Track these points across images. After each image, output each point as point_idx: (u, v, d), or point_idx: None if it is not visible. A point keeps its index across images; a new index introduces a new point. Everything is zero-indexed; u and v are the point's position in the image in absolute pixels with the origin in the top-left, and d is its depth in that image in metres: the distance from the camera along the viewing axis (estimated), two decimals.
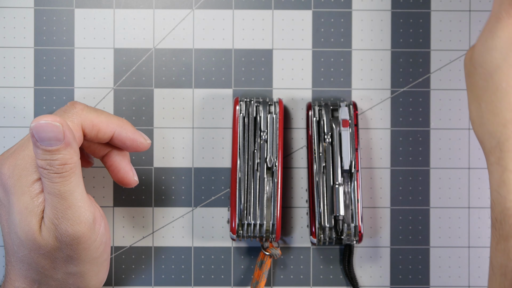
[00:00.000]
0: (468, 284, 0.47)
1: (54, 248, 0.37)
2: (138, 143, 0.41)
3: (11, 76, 0.46)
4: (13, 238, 0.38)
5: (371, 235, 0.47)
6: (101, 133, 0.40)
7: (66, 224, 0.37)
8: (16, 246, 0.38)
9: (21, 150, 0.38)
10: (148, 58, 0.47)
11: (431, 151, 0.47)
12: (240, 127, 0.44)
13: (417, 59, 0.47)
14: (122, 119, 0.41)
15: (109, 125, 0.40)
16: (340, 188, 0.43)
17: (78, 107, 0.39)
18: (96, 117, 0.39)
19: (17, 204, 0.37)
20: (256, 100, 0.44)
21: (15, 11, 0.46)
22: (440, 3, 0.47)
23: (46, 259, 0.38)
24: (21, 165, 0.38)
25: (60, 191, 0.36)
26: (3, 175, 0.38)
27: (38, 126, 0.35)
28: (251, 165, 0.43)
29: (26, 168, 0.38)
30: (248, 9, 0.47)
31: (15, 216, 0.37)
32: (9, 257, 0.39)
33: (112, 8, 0.47)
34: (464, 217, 0.47)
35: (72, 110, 0.39)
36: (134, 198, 0.46)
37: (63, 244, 0.37)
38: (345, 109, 0.44)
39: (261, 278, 0.44)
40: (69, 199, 0.37)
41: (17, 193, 0.37)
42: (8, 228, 0.38)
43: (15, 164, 0.38)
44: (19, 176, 0.37)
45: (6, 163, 0.38)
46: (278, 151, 0.43)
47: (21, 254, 0.38)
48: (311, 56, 0.47)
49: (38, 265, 0.38)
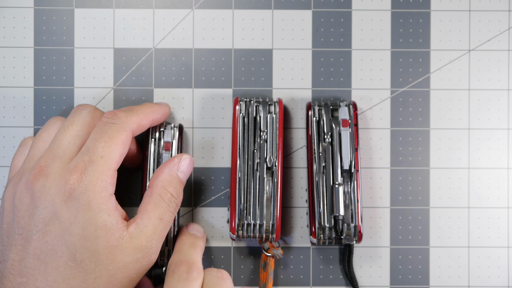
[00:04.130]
0: (468, 284, 0.47)
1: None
2: (168, 114, 0.45)
3: (11, 76, 0.46)
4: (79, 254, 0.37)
5: (371, 235, 0.47)
6: (144, 128, 0.43)
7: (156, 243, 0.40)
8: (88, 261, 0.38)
9: (90, 165, 0.38)
10: (148, 58, 0.47)
11: (431, 151, 0.47)
12: (240, 127, 0.44)
13: (417, 59, 0.47)
14: (146, 106, 0.43)
15: (148, 118, 0.43)
16: (340, 188, 0.43)
17: (121, 116, 0.40)
18: (138, 118, 0.42)
19: (95, 220, 0.37)
20: (256, 100, 0.44)
21: (15, 11, 0.46)
22: (440, 3, 0.47)
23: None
24: (94, 179, 0.38)
25: (169, 221, 0.40)
26: (73, 190, 0.38)
27: (191, 161, 0.42)
28: (251, 165, 0.43)
29: (101, 182, 0.38)
30: (248, 9, 0.47)
31: (91, 232, 0.37)
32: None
33: (112, 8, 0.47)
34: (464, 217, 0.47)
35: (118, 120, 0.40)
36: (134, 198, 0.46)
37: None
38: (345, 109, 0.44)
39: (268, 280, 0.44)
40: (166, 229, 0.40)
41: (94, 209, 0.38)
42: (68, 245, 0.37)
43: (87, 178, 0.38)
44: (94, 192, 0.38)
45: (73, 174, 0.38)
46: (278, 151, 0.43)
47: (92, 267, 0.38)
48: (311, 56, 0.47)
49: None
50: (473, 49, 0.47)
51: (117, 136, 0.39)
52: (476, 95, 0.47)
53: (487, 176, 0.47)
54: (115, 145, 0.39)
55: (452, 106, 0.47)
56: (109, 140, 0.39)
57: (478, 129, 0.47)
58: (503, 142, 0.47)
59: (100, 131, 0.39)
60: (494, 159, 0.47)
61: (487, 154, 0.47)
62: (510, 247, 0.47)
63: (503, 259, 0.46)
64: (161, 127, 0.44)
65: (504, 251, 0.46)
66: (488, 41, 0.47)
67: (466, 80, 0.47)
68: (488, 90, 0.47)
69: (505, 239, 0.46)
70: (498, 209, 0.47)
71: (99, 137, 0.39)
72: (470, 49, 0.47)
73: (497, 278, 0.46)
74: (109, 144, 0.39)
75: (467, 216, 0.47)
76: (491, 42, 0.47)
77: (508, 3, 0.47)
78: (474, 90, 0.47)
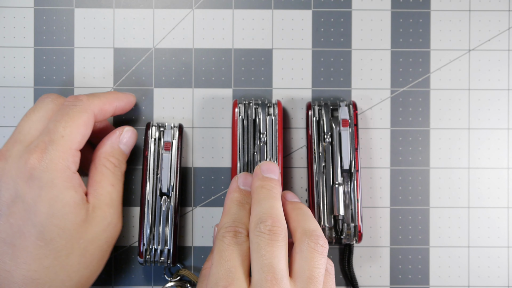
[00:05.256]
0: (468, 284, 0.47)
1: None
2: (132, 104, 0.45)
3: (11, 76, 0.46)
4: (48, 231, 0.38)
5: (371, 235, 0.47)
6: (107, 113, 0.43)
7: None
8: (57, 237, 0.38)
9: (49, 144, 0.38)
10: (148, 58, 0.47)
11: (431, 151, 0.47)
12: (239, 130, 0.44)
13: (417, 58, 0.47)
14: (110, 93, 0.44)
15: (111, 104, 0.43)
16: (340, 188, 0.43)
17: (83, 99, 0.41)
18: (100, 102, 0.42)
19: (62, 197, 0.38)
20: (255, 102, 0.44)
21: (15, 11, 0.46)
22: (440, 3, 0.47)
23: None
24: (56, 158, 0.38)
25: (120, 186, 0.42)
26: (34, 169, 0.38)
27: (133, 133, 0.44)
28: (251, 168, 0.43)
29: (63, 161, 0.38)
30: (248, 8, 0.47)
31: (59, 209, 0.37)
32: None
33: (112, 8, 0.47)
34: (464, 217, 0.47)
35: (79, 103, 0.40)
36: (134, 198, 0.46)
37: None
38: (345, 108, 0.44)
39: None
40: (120, 194, 0.43)
41: (59, 186, 0.38)
42: (35, 224, 0.37)
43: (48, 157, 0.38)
44: (56, 170, 0.38)
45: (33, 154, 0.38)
46: (278, 153, 0.43)
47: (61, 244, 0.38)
48: (311, 56, 0.47)
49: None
50: (473, 49, 0.47)
51: (78, 116, 0.40)
52: (476, 95, 0.47)
53: (487, 176, 0.47)
54: (76, 126, 0.39)
55: (452, 106, 0.47)
56: (70, 121, 0.39)
57: (478, 129, 0.47)
58: (503, 142, 0.47)
59: (61, 113, 0.40)
60: (494, 159, 0.47)
61: (487, 154, 0.47)
62: (510, 247, 0.47)
63: (503, 259, 0.46)
64: (161, 127, 0.44)
65: (504, 251, 0.46)
66: (488, 41, 0.47)
67: (466, 80, 0.47)
68: (488, 90, 0.47)
69: (505, 239, 0.46)
70: (498, 209, 0.47)
71: (60, 118, 0.39)
72: (470, 49, 0.47)
73: (497, 278, 0.46)
74: (70, 124, 0.39)
75: (467, 216, 0.47)
76: (491, 42, 0.47)
77: (508, 3, 0.47)
78: (474, 90, 0.47)
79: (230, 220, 0.38)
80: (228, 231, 0.37)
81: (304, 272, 0.36)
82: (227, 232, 0.37)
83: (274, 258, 0.35)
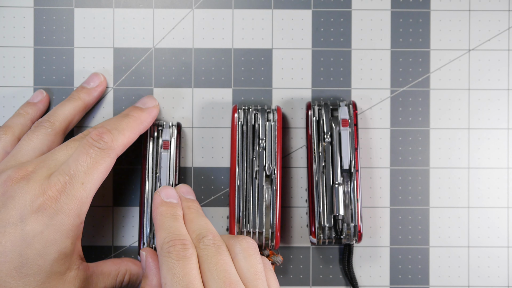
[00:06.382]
0: (468, 284, 0.47)
1: None
2: (156, 116, 0.44)
3: (11, 76, 0.46)
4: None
5: (371, 235, 0.47)
6: (131, 143, 0.42)
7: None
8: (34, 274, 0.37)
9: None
10: (147, 58, 0.47)
11: (431, 151, 0.47)
12: (238, 135, 0.44)
13: (417, 58, 0.47)
14: (133, 119, 0.42)
15: (135, 133, 0.42)
16: (339, 187, 0.43)
17: (107, 140, 0.40)
18: (124, 139, 0.41)
19: (59, 244, 0.37)
20: (254, 108, 0.44)
21: (14, 11, 0.46)
22: (440, 3, 0.47)
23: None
24: (71, 204, 0.38)
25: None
26: (47, 205, 0.37)
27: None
28: (249, 173, 0.43)
29: (77, 210, 0.38)
30: (248, 8, 0.47)
31: (51, 253, 0.37)
32: None
33: (112, 8, 0.47)
34: (464, 217, 0.47)
35: (103, 144, 0.39)
36: (134, 198, 0.46)
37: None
38: (345, 108, 0.44)
39: None
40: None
41: (63, 233, 0.37)
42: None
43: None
44: (68, 216, 0.38)
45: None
46: (277, 158, 0.43)
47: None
48: (311, 56, 0.47)
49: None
50: (473, 49, 0.47)
51: (100, 162, 0.39)
52: (476, 95, 0.47)
53: (487, 176, 0.47)
54: (97, 173, 0.38)
55: (452, 106, 0.47)
56: (92, 166, 0.38)
57: (478, 129, 0.47)
58: (503, 142, 0.47)
59: (84, 153, 0.39)
60: (494, 159, 0.47)
61: (487, 154, 0.47)
62: (510, 247, 0.47)
63: (503, 259, 0.46)
64: (159, 126, 0.44)
65: (504, 251, 0.46)
66: (488, 41, 0.47)
67: (466, 80, 0.47)
68: (488, 90, 0.47)
69: (505, 239, 0.46)
70: (498, 209, 0.47)
71: (82, 159, 0.38)
72: (470, 49, 0.47)
73: (497, 278, 0.46)
74: (92, 170, 0.38)
75: (467, 216, 0.47)
76: (491, 42, 0.47)
77: (508, 3, 0.47)
78: (474, 90, 0.47)
79: (169, 234, 0.37)
80: (172, 245, 0.36)
81: (248, 270, 0.37)
82: (172, 247, 0.36)
83: (225, 264, 0.36)
